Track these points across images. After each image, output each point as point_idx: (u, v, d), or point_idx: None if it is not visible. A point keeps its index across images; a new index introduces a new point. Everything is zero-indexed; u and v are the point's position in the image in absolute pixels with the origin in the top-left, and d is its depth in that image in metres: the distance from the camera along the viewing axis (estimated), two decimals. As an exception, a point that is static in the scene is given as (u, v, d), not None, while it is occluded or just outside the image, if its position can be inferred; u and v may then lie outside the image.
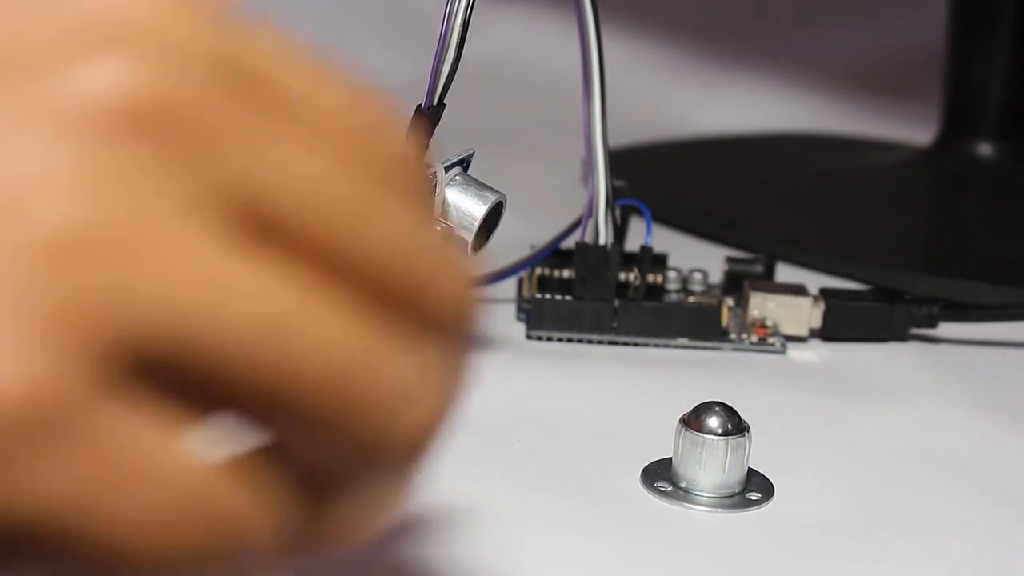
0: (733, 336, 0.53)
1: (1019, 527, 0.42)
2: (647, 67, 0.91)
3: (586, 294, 0.53)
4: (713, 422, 0.42)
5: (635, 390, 0.49)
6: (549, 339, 0.53)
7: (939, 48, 0.74)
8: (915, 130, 0.80)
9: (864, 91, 0.90)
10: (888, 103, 0.89)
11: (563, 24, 0.93)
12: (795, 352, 0.53)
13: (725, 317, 0.53)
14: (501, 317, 0.54)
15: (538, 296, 0.53)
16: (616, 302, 0.53)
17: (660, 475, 0.43)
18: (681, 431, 0.42)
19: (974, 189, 0.73)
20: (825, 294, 0.55)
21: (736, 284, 0.56)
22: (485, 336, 0.52)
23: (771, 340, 0.53)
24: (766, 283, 0.55)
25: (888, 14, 0.94)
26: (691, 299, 0.55)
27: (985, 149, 0.73)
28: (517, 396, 0.48)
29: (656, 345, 0.53)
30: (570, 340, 0.53)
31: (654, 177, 0.72)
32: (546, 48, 0.92)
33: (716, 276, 0.57)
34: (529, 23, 0.95)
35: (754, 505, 0.42)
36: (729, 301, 0.55)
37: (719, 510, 0.41)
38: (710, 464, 0.42)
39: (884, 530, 0.41)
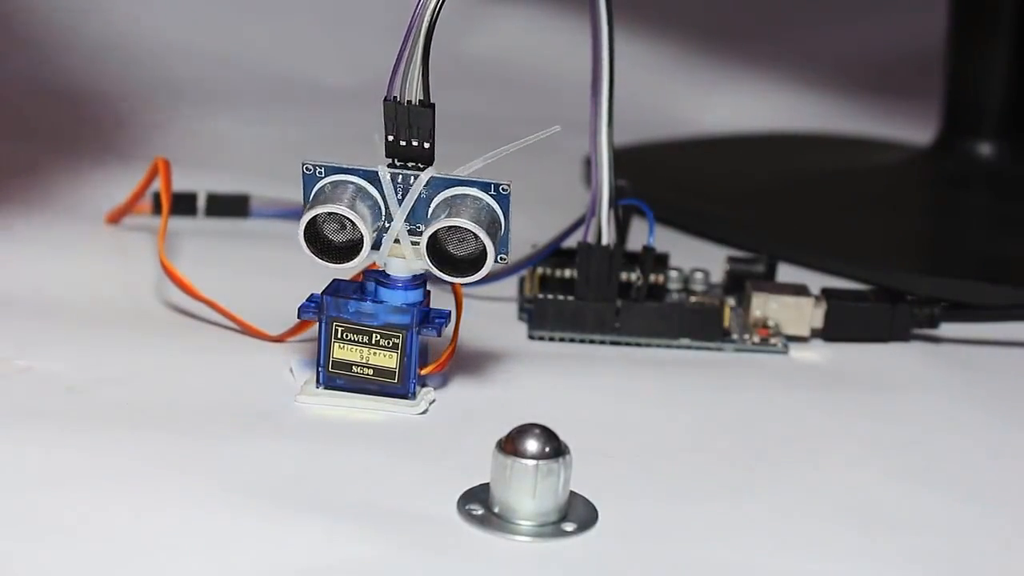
0: (735, 336, 0.53)
1: (1020, 527, 0.42)
2: (648, 67, 0.91)
3: (588, 294, 0.53)
4: (525, 445, 0.39)
5: (636, 390, 0.49)
6: (551, 339, 0.53)
7: (939, 48, 0.74)
8: (915, 130, 0.80)
9: (864, 91, 0.91)
10: (888, 103, 0.89)
11: (565, 23, 0.93)
12: (797, 352, 0.53)
13: (727, 317, 0.53)
14: (503, 317, 0.54)
15: (540, 296, 0.53)
16: (618, 302, 0.53)
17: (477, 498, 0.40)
18: (495, 453, 0.39)
19: (974, 189, 0.73)
20: (827, 294, 0.55)
21: (738, 284, 0.56)
22: (487, 336, 0.52)
23: (773, 340, 0.53)
24: (768, 283, 0.55)
25: (888, 14, 0.94)
26: (693, 299, 0.55)
27: (985, 149, 0.73)
28: (519, 397, 0.48)
29: (658, 345, 0.53)
30: (572, 340, 0.53)
31: (656, 177, 0.72)
32: (548, 47, 0.92)
33: (718, 276, 0.57)
34: (531, 22, 0.95)
35: (568, 536, 0.39)
36: (731, 301, 0.55)
37: (530, 539, 0.39)
38: (520, 490, 0.39)
39: (885, 527, 0.41)
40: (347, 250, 0.45)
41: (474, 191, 0.45)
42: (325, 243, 0.45)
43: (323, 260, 0.45)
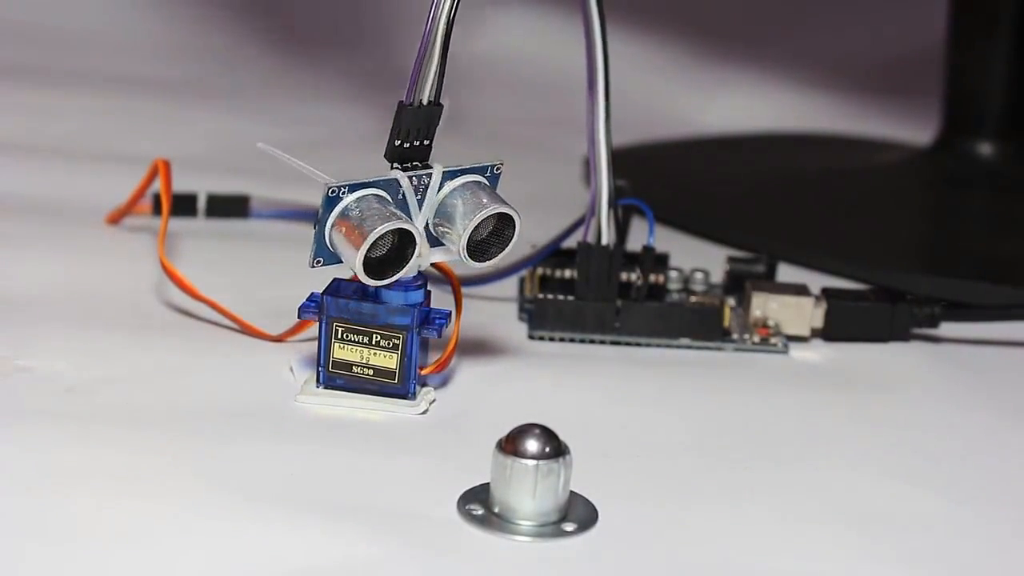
0: (735, 336, 0.53)
1: (1020, 528, 0.42)
2: (648, 67, 0.91)
3: (588, 294, 0.53)
4: (525, 445, 0.39)
5: (636, 390, 0.49)
6: (551, 339, 0.53)
7: (939, 48, 0.75)
8: (915, 130, 0.80)
9: (864, 91, 0.91)
10: (888, 103, 0.89)
11: (565, 23, 0.93)
12: (797, 352, 0.53)
13: (727, 317, 0.53)
14: (503, 317, 0.54)
15: (540, 296, 0.53)
16: (618, 302, 0.53)
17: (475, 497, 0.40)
18: (495, 453, 0.39)
19: (974, 189, 0.73)
20: (827, 294, 0.55)
21: (738, 284, 0.56)
22: (487, 337, 0.52)
23: (773, 340, 0.53)
24: (768, 283, 0.55)
25: (888, 14, 0.94)
26: (693, 299, 0.55)
27: (985, 149, 0.73)
28: (519, 397, 0.48)
29: (658, 345, 0.53)
30: (572, 340, 0.53)
31: (655, 177, 0.72)
32: (548, 47, 0.92)
33: (718, 276, 0.57)
34: (531, 22, 0.95)
35: (568, 536, 0.39)
36: (731, 301, 0.55)
37: (530, 539, 0.39)
38: (520, 490, 0.39)
39: (884, 528, 0.41)
40: (390, 263, 0.44)
41: (475, 177, 0.45)
42: (372, 265, 0.44)
43: (376, 280, 0.44)
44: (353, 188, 0.44)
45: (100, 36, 0.91)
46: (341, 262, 0.44)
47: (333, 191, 0.44)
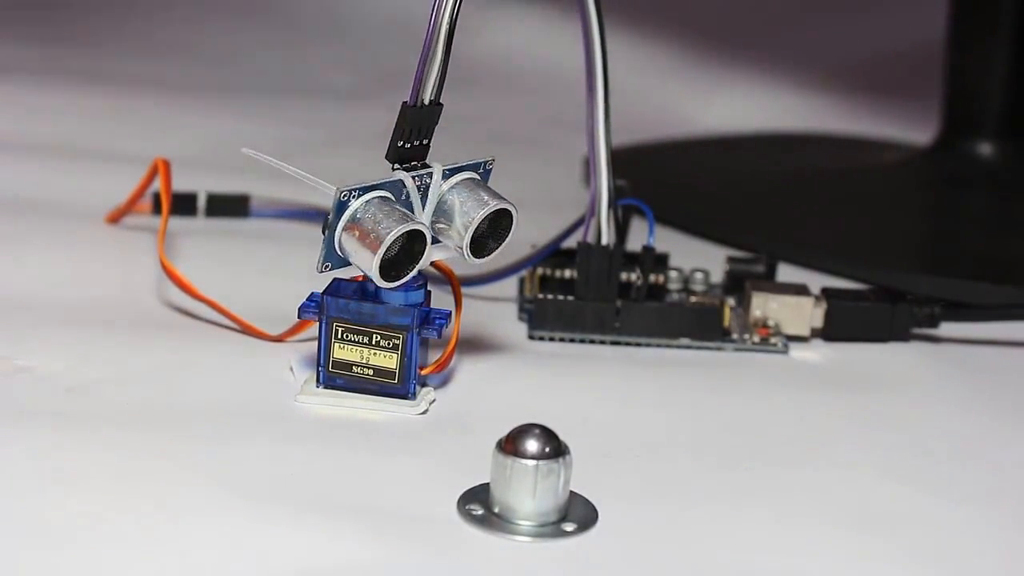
0: (735, 336, 0.53)
1: (1019, 527, 0.42)
2: (648, 67, 0.91)
3: (588, 294, 0.53)
4: (525, 445, 0.39)
5: (636, 390, 0.49)
6: (551, 339, 0.53)
7: (939, 48, 0.75)
8: (915, 130, 0.80)
9: (864, 91, 0.91)
10: (888, 103, 0.89)
11: (565, 23, 0.93)
12: (797, 352, 0.53)
13: (727, 317, 0.53)
14: (502, 317, 0.54)
15: (540, 296, 0.53)
16: (618, 302, 0.53)
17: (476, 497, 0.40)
18: (495, 453, 0.39)
19: (974, 189, 0.73)
20: (827, 294, 0.55)
21: (737, 284, 0.56)
22: (487, 336, 0.52)
23: (773, 340, 0.53)
24: (768, 283, 0.55)
25: (888, 14, 0.94)
26: (693, 299, 0.55)
27: (985, 149, 0.73)
28: (519, 397, 0.48)
29: (658, 345, 0.53)
30: (572, 340, 0.53)
31: (655, 177, 0.72)
32: (548, 47, 0.92)
33: (717, 276, 0.57)
34: (531, 22, 0.95)
35: (568, 536, 0.39)
36: (731, 301, 0.55)
37: (528, 539, 0.39)
38: (520, 490, 0.39)
39: (884, 528, 0.41)
40: (398, 264, 0.44)
41: (470, 174, 0.46)
42: (384, 267, 0.44)
43: (391, 281, 0.44)
44: (362, 191, 0.44)
45: (100, 36, 0.91)
46: (349, 265, 0.44)
47: (344, 195, 0.44)
